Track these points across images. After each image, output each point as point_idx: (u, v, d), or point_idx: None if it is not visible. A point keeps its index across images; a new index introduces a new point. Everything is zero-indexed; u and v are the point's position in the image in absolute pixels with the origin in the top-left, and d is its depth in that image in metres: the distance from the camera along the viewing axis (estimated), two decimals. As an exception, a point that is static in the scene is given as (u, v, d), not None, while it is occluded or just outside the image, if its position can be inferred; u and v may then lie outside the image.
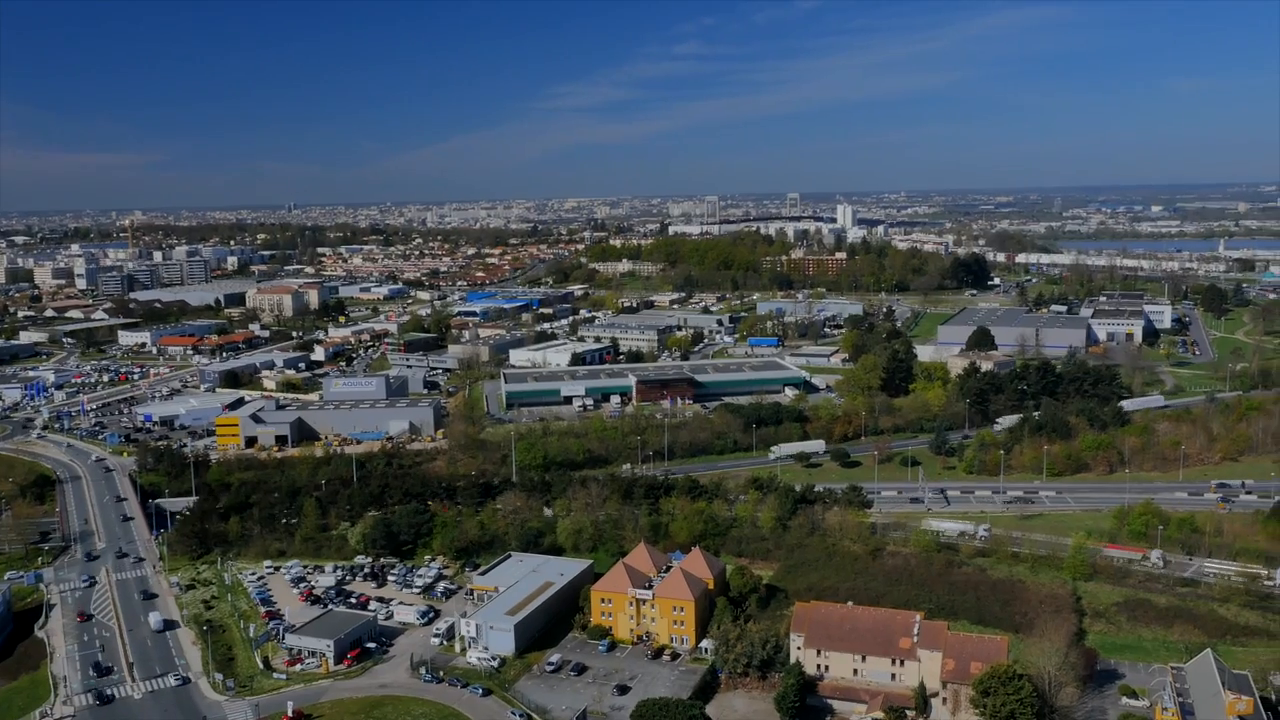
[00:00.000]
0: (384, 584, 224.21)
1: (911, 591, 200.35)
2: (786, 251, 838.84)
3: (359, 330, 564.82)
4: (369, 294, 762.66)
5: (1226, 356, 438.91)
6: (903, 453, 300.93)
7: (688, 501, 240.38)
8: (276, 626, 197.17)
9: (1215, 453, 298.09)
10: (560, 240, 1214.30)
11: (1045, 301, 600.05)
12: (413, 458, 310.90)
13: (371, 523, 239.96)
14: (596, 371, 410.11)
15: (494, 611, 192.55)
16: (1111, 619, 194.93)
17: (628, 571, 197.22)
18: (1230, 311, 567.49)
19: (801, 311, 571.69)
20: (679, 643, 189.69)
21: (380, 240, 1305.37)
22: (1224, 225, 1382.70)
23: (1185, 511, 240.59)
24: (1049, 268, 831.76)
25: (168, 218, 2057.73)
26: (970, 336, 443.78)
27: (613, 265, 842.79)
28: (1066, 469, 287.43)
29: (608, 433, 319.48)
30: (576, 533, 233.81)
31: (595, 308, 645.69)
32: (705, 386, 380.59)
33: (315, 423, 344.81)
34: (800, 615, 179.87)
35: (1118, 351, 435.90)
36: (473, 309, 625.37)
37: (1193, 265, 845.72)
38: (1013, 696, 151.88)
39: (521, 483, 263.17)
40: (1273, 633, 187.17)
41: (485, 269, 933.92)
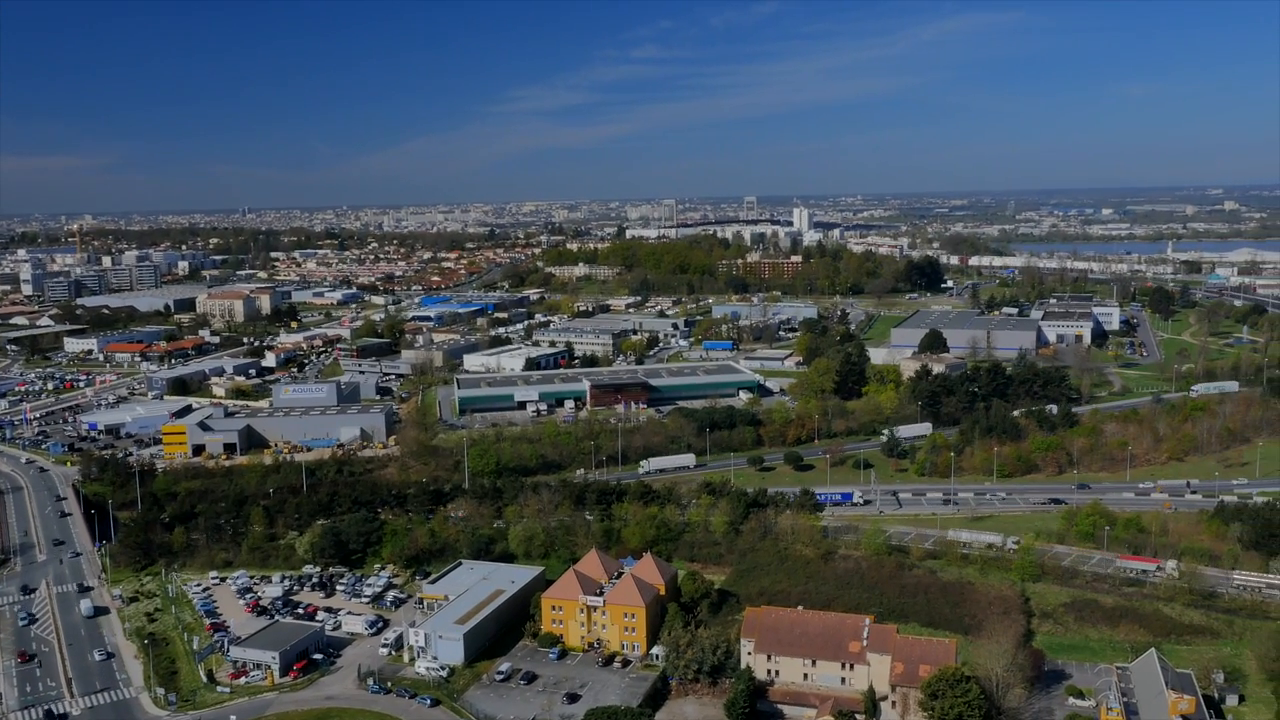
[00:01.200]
0: (332, 594, 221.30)
1: (863, 594, 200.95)
2: (743, 255, 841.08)
3: (311, 336, 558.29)
4: (323, 299, 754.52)
5: (1173, 357, 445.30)
6: (855, 455, 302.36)
7: (640, 507, 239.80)
8: (221, 639, 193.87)
9: (1161, 453, 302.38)
10: (517, 244, 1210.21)
11: (997, 304, 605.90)
12: (364, 465, 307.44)
13: (320, 532, 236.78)
14: (550, 376, 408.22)
15: (443, 620, 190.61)
16: (1059, 619, 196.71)
17: (579, 578, 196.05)
18: (1177, 313, 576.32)
19: (757, 315, 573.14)
20: (630, 650, 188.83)
21: (335, 244, 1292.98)
22: (1172, 228, 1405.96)
23: (1132, 512, 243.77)
24: (1002, 270, 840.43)
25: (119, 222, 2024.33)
26: (923, 339, 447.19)
27: (569, 269, 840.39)
28: (1016, 470, 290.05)
29: (561, 438, 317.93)
30: (528, 539, 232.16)
31: (551, 312, 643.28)
32: (660, 390, 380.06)
33: (265, 430, 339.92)
34: (751, 620, 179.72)
35: (1067, 353, 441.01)
36: (427, 314, 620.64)
37: (1141, 267, 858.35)
38: (960, 699, 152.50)
39: (473, 489, 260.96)
40: (1216, 631, 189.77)
41: (441, 273, 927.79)
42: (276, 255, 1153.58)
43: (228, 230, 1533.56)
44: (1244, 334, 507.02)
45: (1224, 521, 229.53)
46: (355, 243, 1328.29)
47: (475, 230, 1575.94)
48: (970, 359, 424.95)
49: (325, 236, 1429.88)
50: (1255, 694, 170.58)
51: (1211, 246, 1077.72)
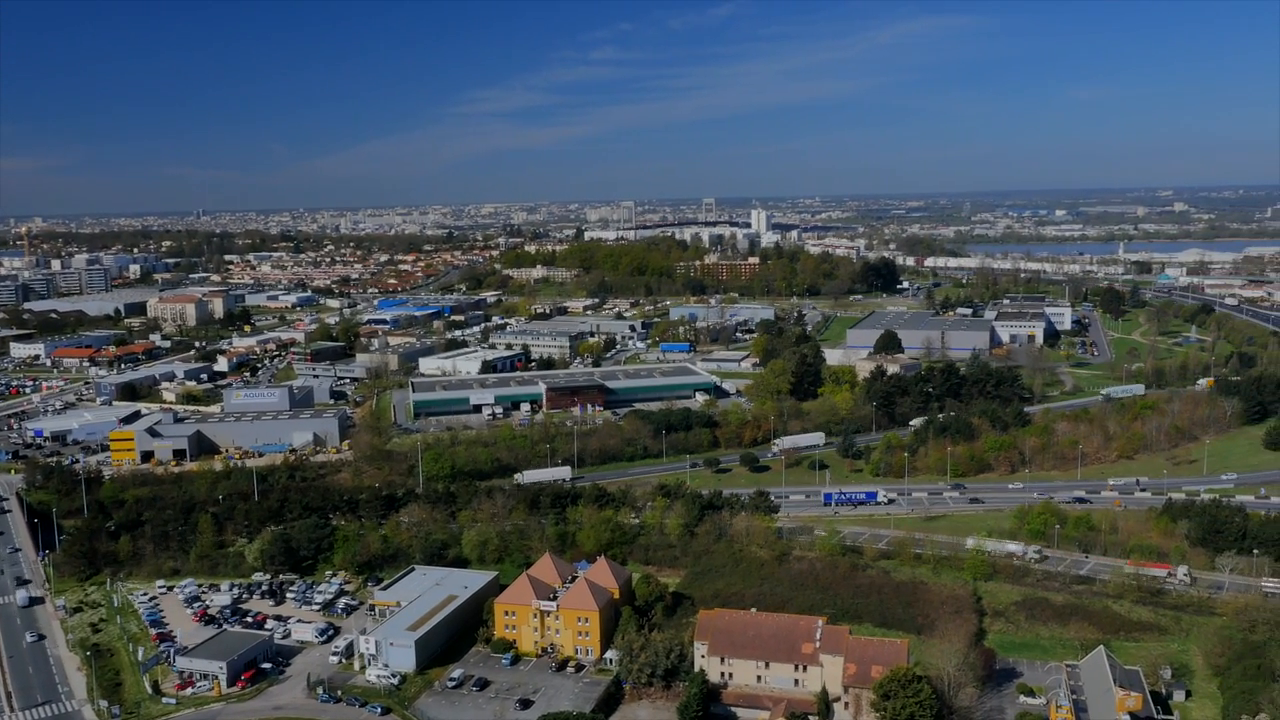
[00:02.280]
0: (283, 601, 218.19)
1: (816, 596, 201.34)
2: (701, 256, 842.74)
3: (265, 340, 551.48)
4: (277, 302, 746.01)
5: (1123, 357, 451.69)
6: (811, 456, 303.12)
7: (595, 510, 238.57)
8: (167, 649, 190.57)
9: (1112, 451, 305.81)
10: (475, 246, 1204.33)
11: (952, 304, 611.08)
12: (316, 470, 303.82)
13: (270, 538, 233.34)
14: (506, 379, 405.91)
15: (394, 627, 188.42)
16: (1010, 618, 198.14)
17: (532, 583, 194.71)
18: (1128, 312, 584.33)
19: (714, 316, 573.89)
20: (584, 654, 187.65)
21: (291, 247, 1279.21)
22: (1124, 229, 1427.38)
23: (1082, 510, 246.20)
24: (957, 271, 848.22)
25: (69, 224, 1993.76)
26: (878, 340, 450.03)
27: (527, 271, 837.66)
28: (970, 470, 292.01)
29: (517, 441, 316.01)
30: (482, 544, 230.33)
31: (508, 314, 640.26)
32: (616, 393, 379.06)
33: (216, 435, 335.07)
34: (704, 623, 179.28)
35: (1020, 353, 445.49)
36: (383, 317, 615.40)
37: (1094, 268, 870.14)
38: (912, 699, 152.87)
39: (426, 494, 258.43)
40: (1164, 628, 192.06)
41: (398, 276, 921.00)
42: (231, 258, 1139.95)
43: (181, 233, 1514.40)
44: (1192, 333, 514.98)
45: (1172, 519, 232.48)
46: (311, 245, 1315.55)
47: (433, 232, 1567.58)
48: (925, 359, 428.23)
49: (281, 239, 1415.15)
50: (1201, 689, 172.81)
51: (1162, 247, 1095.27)
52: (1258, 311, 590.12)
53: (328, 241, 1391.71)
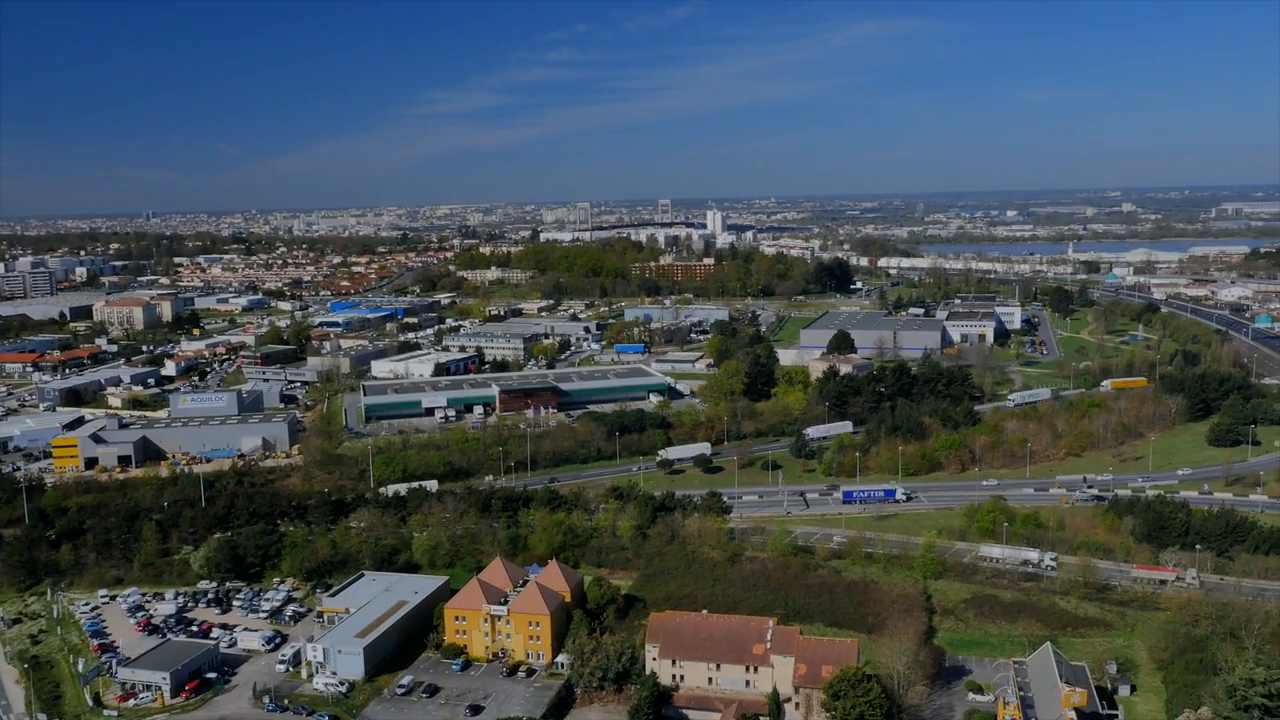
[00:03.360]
0: (229, 609, 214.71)
1: (768, 596, 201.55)
2: (656, 258, 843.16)
3: (214, 343, 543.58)
4: (227, 305, 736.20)
5: (1071, 355, 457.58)
6: (764, 456, 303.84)
7: (547, 513, 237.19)
8: (109, 660, 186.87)
9: (1060, 449, 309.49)
10: (430, 248, 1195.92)
11: (904, 305, 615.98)
12: (265, 475, 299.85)
13: (216, 545, 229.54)
14: (459, 382, 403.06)
15: (343, 634, 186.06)
16: (960, 615, 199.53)
17: (482, 587, 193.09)
18: (1076, 312, 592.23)
19: (669, 317, 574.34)
20: (535, 658, 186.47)
21: (242, 249, 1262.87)
22: (1073, 229, 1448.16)
23: (1031, 507, 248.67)
24: (910, 271, 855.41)
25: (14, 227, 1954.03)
26: (831, 340, 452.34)
27: (482, 273, 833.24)
28: (921, 469, 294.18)
29: (470, 444, 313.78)
30: (433, 548, 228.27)
31: (462, 316, 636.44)
32: (570, 395, 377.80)
33: (162, 441, 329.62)
34: (655, 625, 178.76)
35: (970, 352, 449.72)
36: (335, 319, 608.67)
37: (1043, 268, 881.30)
38: (862, 699, 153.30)
39: (376, 498, 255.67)
40: (1109, 623, 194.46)
41: (351, 278, 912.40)
42: (180, 261, 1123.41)
43: (129, 235, 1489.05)
44: (1139, 332, 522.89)
45: (1118, 515, 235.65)
46: (263, 247, 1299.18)
47: (388, 234, 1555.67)
48: (877, 359, 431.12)
49: (232, 241, 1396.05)
50: (1146, 683, 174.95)
51: (1110, 247, 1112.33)
52: (1202, 310, 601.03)
53: (280, 243, 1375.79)
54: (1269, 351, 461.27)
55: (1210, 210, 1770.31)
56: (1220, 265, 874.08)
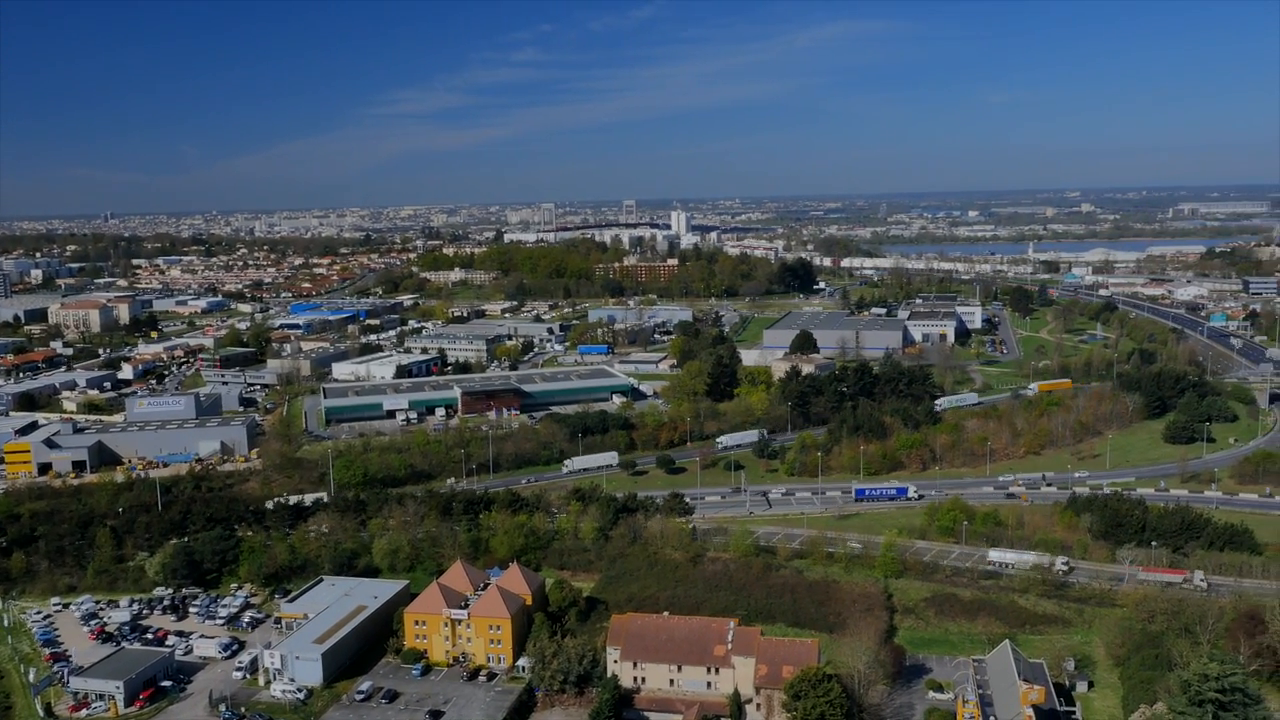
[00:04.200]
0: (185, 616, 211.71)
1: (730, 597, 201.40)
2: (620, 258, 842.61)
3: (173, 346, 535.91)
4: (186, 307, 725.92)
5: (1031, 354, 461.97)
6: (727, 457, 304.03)
7: (508, 515, 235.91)
8: (61, 669, 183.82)
9: (1020, 447, 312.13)
10: (393, 249, 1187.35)
11: (866, 305, 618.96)
12: (223, 480, 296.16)
13: (172, 551, 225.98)
14: (421, 384, 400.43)
15: (301, 640, 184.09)
16: (920, 614, 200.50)
17: (442, 591, 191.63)
18: (1035, 311, 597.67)
19: (632, 318, 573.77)
20: (496, 662, 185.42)
21: (202, 250, 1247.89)
22: (1034, 229, 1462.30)
23: (990, 505, 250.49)
24: (872, 271, 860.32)
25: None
26: (794, 340, 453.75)
27: (445, 274, 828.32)
28: (883, 468, 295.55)
29: (431, 446, 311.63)
30: (393, 552, 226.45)
31: (425, 318, 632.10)
32: (533, 396, 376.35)
33: (118, 446, 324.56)
34: (617, 627, 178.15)
35: (932, 352, 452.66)
36: (296, 321, 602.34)
37: (1004, 267, 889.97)
38: (823, 699, 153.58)
39: (336, 502, 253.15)
40: (1067, 620, 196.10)
41: (312, 279, 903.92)
42: (139, 262, 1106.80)
43: (87, 237, 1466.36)
44: (1097, 330, 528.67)
45: (1075, 513, 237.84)
46: (223, 249, 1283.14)
47: (351, 235, 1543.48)
48: (839, 359, 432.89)
49: (192, 242, 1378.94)
50: (1103, 680, 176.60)
51: (1069, 247, 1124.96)
52: (1158, 309, 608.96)
53: (241, 245, 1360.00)
54: (1223, 349, 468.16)
55: (1168, 210, 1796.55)
56: (1177, 265, 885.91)
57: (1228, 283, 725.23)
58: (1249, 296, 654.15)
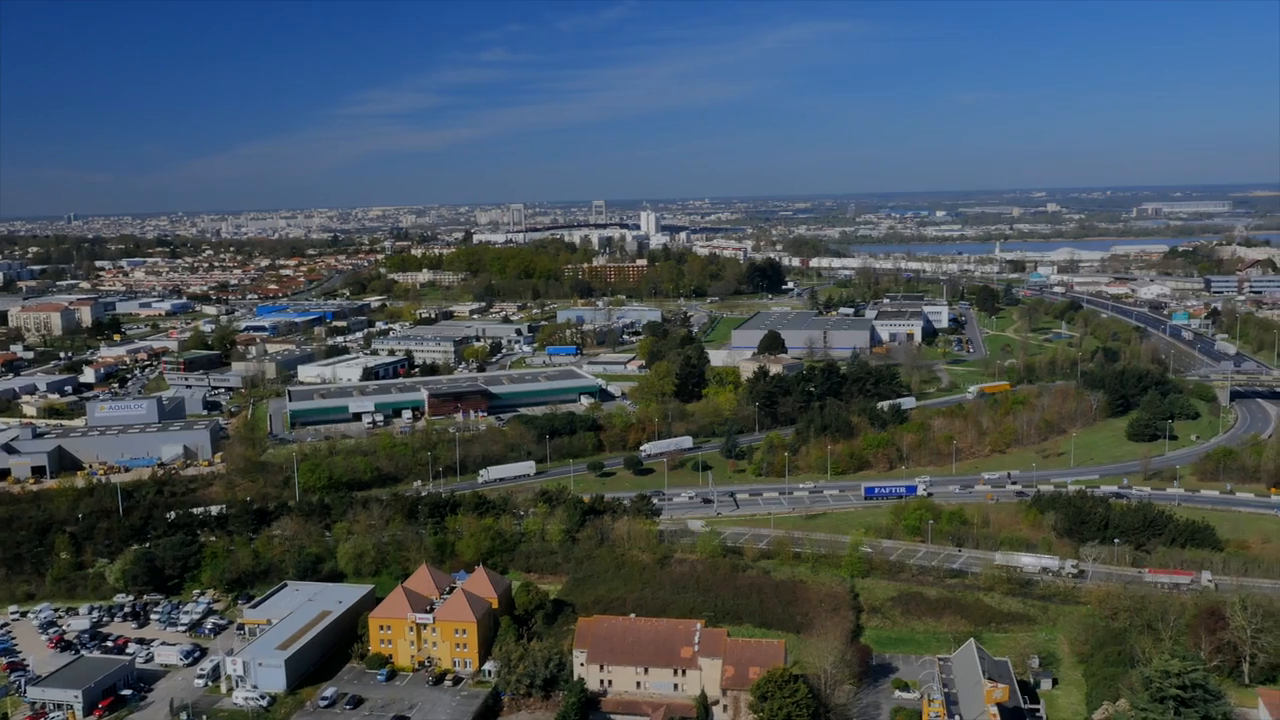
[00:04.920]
0: (146, 623, 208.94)
1: (697, 598, 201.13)
2: (589, 259, 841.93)
3: (136, 349, 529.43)
4: (150, 310, 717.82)
5: (997, 353, 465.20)
6: (695, 458, 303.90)
7: (475, 518, 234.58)
8: (18, 679, 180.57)
9: (985, 446, 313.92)
10: (361, 250, 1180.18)
11: (834, 304, 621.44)
12: (186, 484, 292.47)
13: (133, 558, 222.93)
14: (388, 386, 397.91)
15: (264, 646, 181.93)
16: (886, 614, 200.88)
17: (407, 595, 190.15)
18: (1002, 310, 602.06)
19: (601, 319, 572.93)
20: (462, 666, 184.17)
21: (167, 252, 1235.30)
22: (1000, 229, 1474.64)
23: (956, 504, 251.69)
24: (840, 271, 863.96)
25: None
26: (762, 340, 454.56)
27: (413, 275, 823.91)
28: (850, 467, 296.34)
29: (397, 449, 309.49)
30: (358, 556, 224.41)
31: (392, 319, 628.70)
32: (500, 398, 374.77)
33: (78, 451, 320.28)
34: (583, 630, 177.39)
35: (899, 351, 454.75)
36: (261, 324, 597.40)
37: (971, 267, 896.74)
38: (789, 699, 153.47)
39: (300, 506, 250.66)
40: (1032, 618, 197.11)
41: (279, 281, 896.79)
42: (102, 264, 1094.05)
43: (49, 238, 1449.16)
44: (1062, 329, 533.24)
45: (1040, 510, 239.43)
46: (189, 250, 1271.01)
47: (319, 236, 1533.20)
48: (807, 359, 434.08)
49: (157, 244, 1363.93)
50: (1067, 677, 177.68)
51: (1035, 246, 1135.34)
52: (1122, 307, 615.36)
53: (206, 246, 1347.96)
54: (1185, 348, 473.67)
55: (1131, 210, 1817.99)
56: (1140, 264, 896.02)
57: (1190, 281, 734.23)
58: (1210, 295, 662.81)
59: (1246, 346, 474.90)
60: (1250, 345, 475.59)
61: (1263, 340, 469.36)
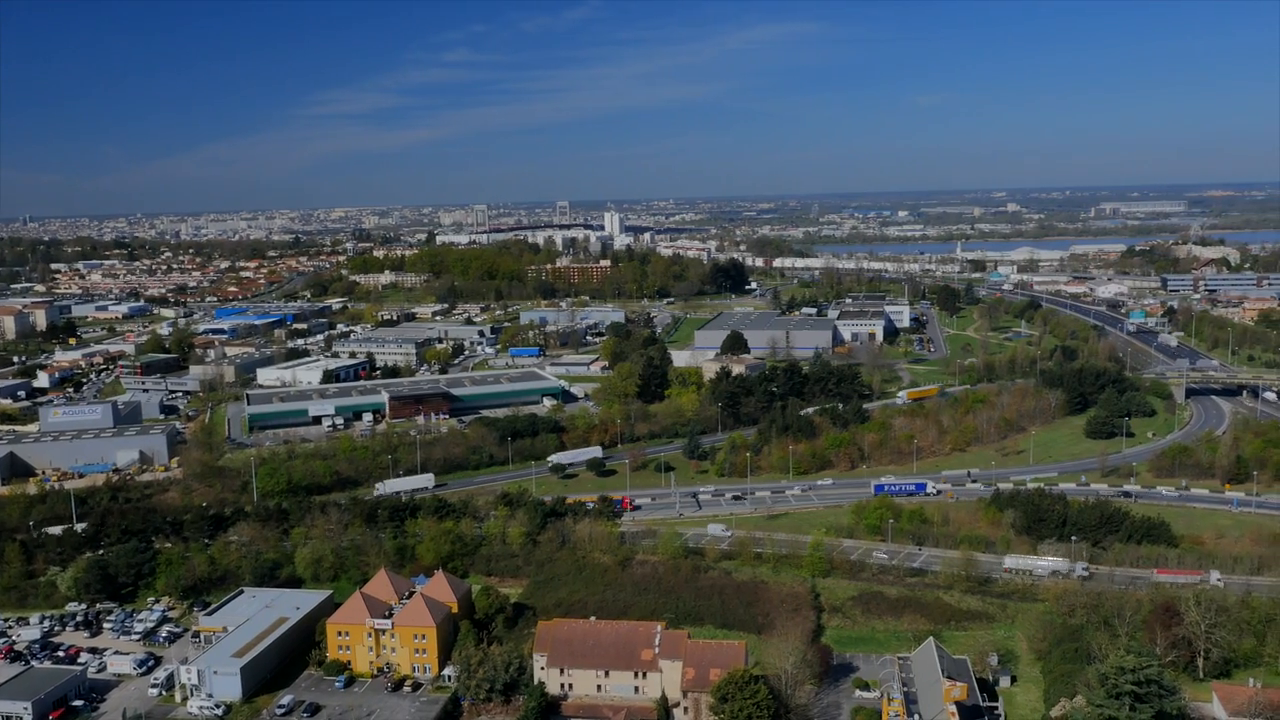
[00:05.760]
0: (99, 632, 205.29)
1: (659, 600, 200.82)
2: (553, 260, 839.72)
3: (91, 353, 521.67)
4: (107, 313, 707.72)
5: (957, 352, 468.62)
6: (657, 459, 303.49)
7: (435, 522, 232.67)
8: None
9: (946, 445, 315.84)
10: (323, 251, 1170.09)
11: (797, 304, 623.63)
12: (142, 490, 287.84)
13: (85, 565, 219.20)
14: (348, 389, 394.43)
15: (219, 654, 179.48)
16: (847, 613, 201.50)
17: (366, 601, 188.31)
18: (962, 309, 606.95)
19: (564, 320, 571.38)
20: (421, 672, 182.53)
21: (124, 254, 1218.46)
22: (961, 229, 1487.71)
23: (916, 503, 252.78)
24: (803, 271, 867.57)
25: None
26: (725, 340, 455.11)
27: (375, 277, 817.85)
28: (812, 467, 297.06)
29: (358, 453, 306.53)
30: (316, 562, 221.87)
31: (353, 321, 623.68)
32: (462, 400, 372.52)
33: (31, 457, 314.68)
34: (543, 634, 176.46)
35: (861, 351, 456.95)
36: (220, 326, 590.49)
37: (932, 267, 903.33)
38: (749, 700, 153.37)
39: (257, 511, 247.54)
40: (991, 615, 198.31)
41: (239, 283, 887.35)
42: (58, 267, 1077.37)
43: (3, 240, 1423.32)
44: (1022, 328, 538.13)
45: (999, 508, 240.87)
46: (147, 252, 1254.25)
47: (280, 238, 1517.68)
48: (770, 359, 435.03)
49: (114, 246, 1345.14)
50: (1026, 674, 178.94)
51: (995, 246, 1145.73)
52: (1080, 306, 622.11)
53: (165, 248, 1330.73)
54: (1142, 345, 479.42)
55: (1090, 210, 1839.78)
56: (1098, 263, 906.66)
57: (1147, 280, 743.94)
58: (1167, 294, 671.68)
59: (1201, 344, 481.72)
60: (1205, 343, 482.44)
61: (1217, 338, 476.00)
